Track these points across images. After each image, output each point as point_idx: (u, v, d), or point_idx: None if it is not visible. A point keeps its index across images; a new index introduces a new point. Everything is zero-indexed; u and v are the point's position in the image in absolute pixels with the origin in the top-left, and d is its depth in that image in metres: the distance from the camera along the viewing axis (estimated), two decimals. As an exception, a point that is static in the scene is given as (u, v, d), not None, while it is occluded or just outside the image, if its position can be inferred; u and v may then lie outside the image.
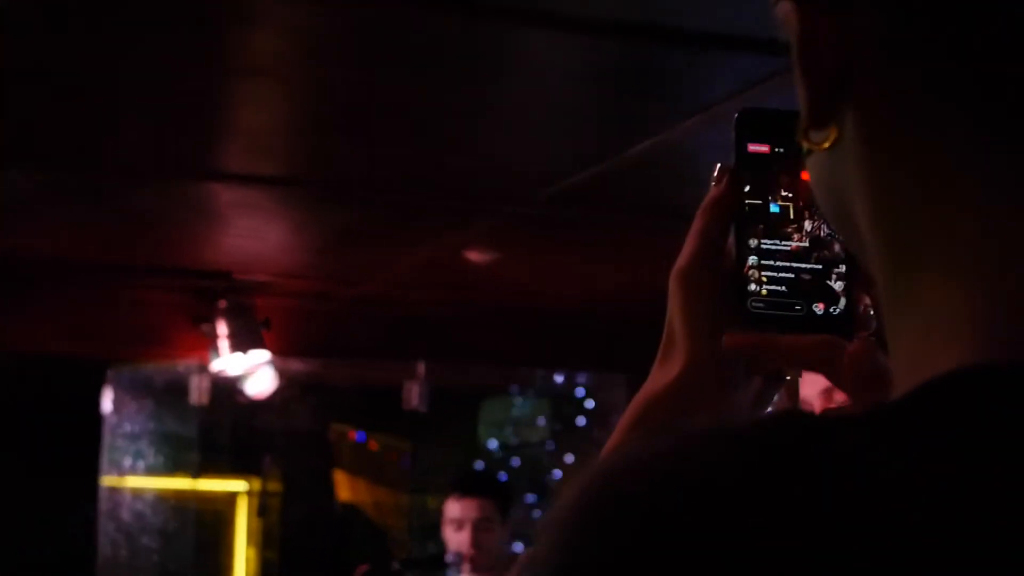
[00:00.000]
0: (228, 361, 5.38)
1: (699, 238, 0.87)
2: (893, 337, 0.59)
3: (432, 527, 7.22)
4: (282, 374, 5.79)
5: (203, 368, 5.64)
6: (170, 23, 2.70)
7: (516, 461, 7.28)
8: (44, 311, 5.39)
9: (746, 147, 0.88)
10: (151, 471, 6.65)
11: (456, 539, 4.28)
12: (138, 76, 3.06)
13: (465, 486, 4.36)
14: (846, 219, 0.61)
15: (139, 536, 6.62)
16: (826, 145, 0.60)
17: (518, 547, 5.50)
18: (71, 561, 6.43)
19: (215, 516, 7.07)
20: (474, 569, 4.25)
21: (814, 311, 0.85)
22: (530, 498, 7.19)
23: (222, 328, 5.30)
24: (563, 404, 7.06)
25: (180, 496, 6.80)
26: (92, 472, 6.57)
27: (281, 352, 5.58)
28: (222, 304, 5.26)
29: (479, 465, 7.07)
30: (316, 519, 7.26)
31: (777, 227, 0.87)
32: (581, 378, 6.87)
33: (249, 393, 5.56)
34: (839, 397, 2.11)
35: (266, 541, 7.24)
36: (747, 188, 0.87)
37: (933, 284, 0.56)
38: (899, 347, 0.59)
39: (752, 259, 0.86)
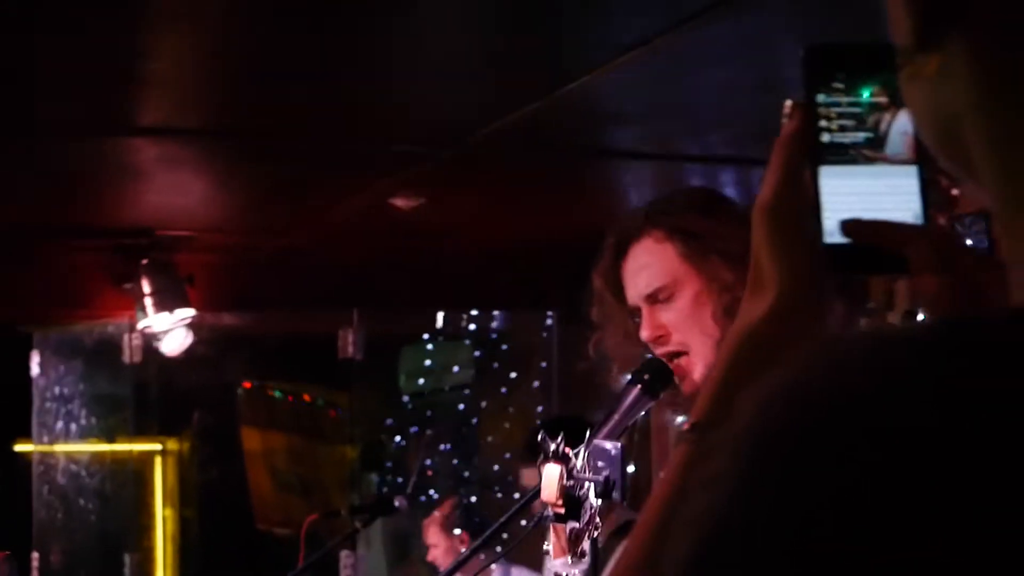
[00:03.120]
0: (154, 319, 5.34)
1: (778, 173, 0.90)
2: (1012, 257, 0.60)
3: (357, 473, 7.22)
4: (212, 329, 5.76)
5: (134, 327, 5.60)
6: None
7: (433, 409, 7.25)
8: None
9: (816, 82, 0.91)
10: (83, 434, 6.59)
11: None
12: (49, 29, 3.01)
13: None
14: (955, 146, 0.61)
15: (74, 499, 6.57)
16: (933, 69, 0.60)
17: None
18: (7, 527, 6.38)
19: (140, 476, 7.04)
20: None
21: None
22: (446, 447, 7.14)
23: (146, 286, 5.26)
24: (480, 348, 6.99)
25: (115, 457, 6.76)
26: (23, 437, 6.51)
27: (208, 307, 5.55)
28: (144, 262, 5.22)
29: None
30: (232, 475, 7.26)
31: (851, 158, 0.89)
32: (497, 322, 6.80)
33: (164, 351, 5.53)
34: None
35: (184, 500, 7.23)
36: (820, 121, 0.90)
37: None
38: (1020, 265, 0.59)
39: (828, 190, 0.88)
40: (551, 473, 2.15)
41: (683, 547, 0.53)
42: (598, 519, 2.07)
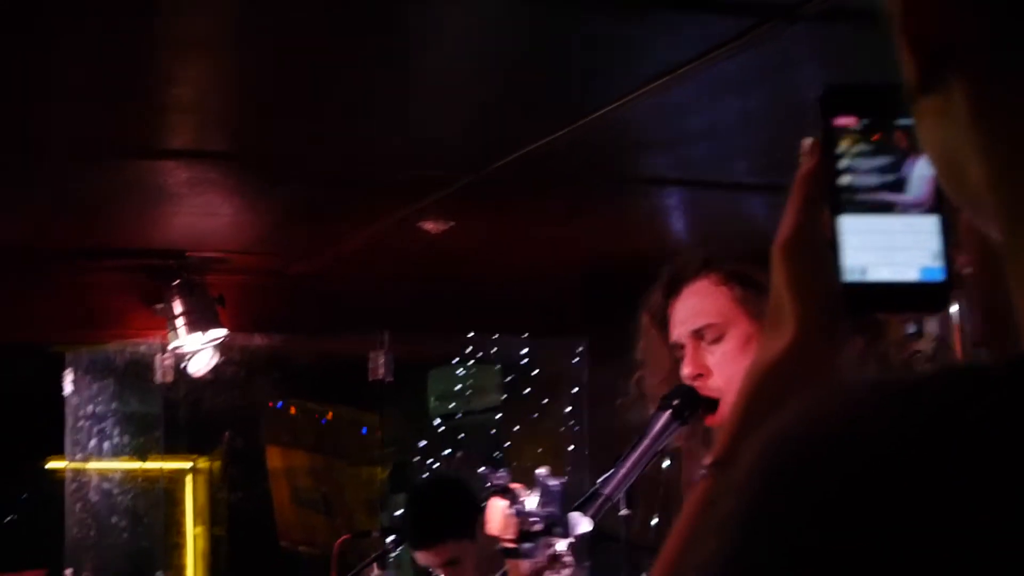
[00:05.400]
0: (186, 339, 5.37)
1: (795, 212, 0.92)
2: (1018, 287, 0.60)
3: (386, 495, 7.22)
4: (242, 350, 5.77)
5: (165, 347, 5.64)
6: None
7: (464, 431, 7.23)
8: (-1, 300, 5.35)
9: (832, 121, 0.91)
10: (115, 452, 6.63)
11: None
12: (77, 55, 3.04)
13: (413, 540, 3.78)
14: (961, 181, 0.62)
15: (107, 517, 6.60)
16: (938, 108, 0.61)
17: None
18: (41, 544, 6.42)
19: (171, 494, 7.08)
20: None
21: (908, 277, 0.88)
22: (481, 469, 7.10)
23: (177, 307, 5.28)
24: (509, 373, 6.97)
25: (147, 475, 6.80)
26: (56, 455, 6.55)
27: (237, 328, 5.57)
28: (176, 283, 5.24)
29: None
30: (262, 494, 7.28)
31: (867, 195, 0.90)
32: (527, 347, 6.77)
33: (191, 372, 5.55)
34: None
35: (214, 518, 7.26)
36: (836, 159, 0.90)
37: None
38: None
39: (845, 228, 0.89)
40: (495, 507, 2.12)
41: None
42: (568, 558, 2.04)
